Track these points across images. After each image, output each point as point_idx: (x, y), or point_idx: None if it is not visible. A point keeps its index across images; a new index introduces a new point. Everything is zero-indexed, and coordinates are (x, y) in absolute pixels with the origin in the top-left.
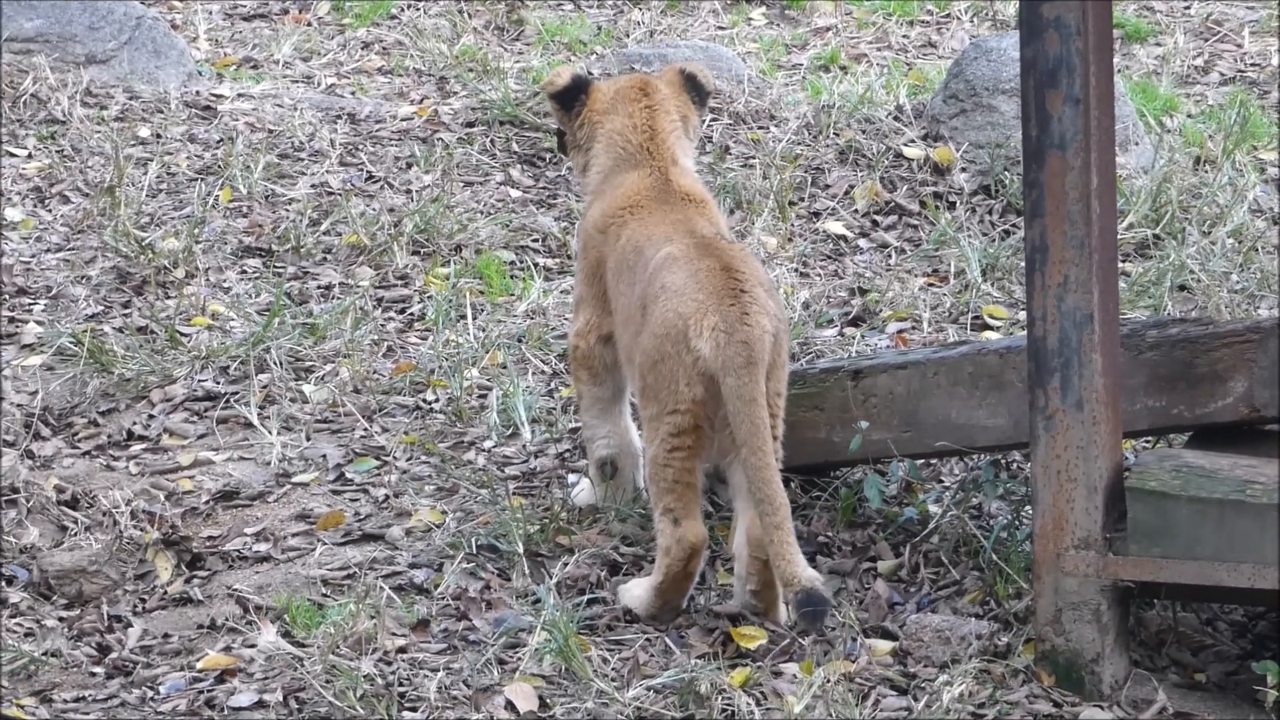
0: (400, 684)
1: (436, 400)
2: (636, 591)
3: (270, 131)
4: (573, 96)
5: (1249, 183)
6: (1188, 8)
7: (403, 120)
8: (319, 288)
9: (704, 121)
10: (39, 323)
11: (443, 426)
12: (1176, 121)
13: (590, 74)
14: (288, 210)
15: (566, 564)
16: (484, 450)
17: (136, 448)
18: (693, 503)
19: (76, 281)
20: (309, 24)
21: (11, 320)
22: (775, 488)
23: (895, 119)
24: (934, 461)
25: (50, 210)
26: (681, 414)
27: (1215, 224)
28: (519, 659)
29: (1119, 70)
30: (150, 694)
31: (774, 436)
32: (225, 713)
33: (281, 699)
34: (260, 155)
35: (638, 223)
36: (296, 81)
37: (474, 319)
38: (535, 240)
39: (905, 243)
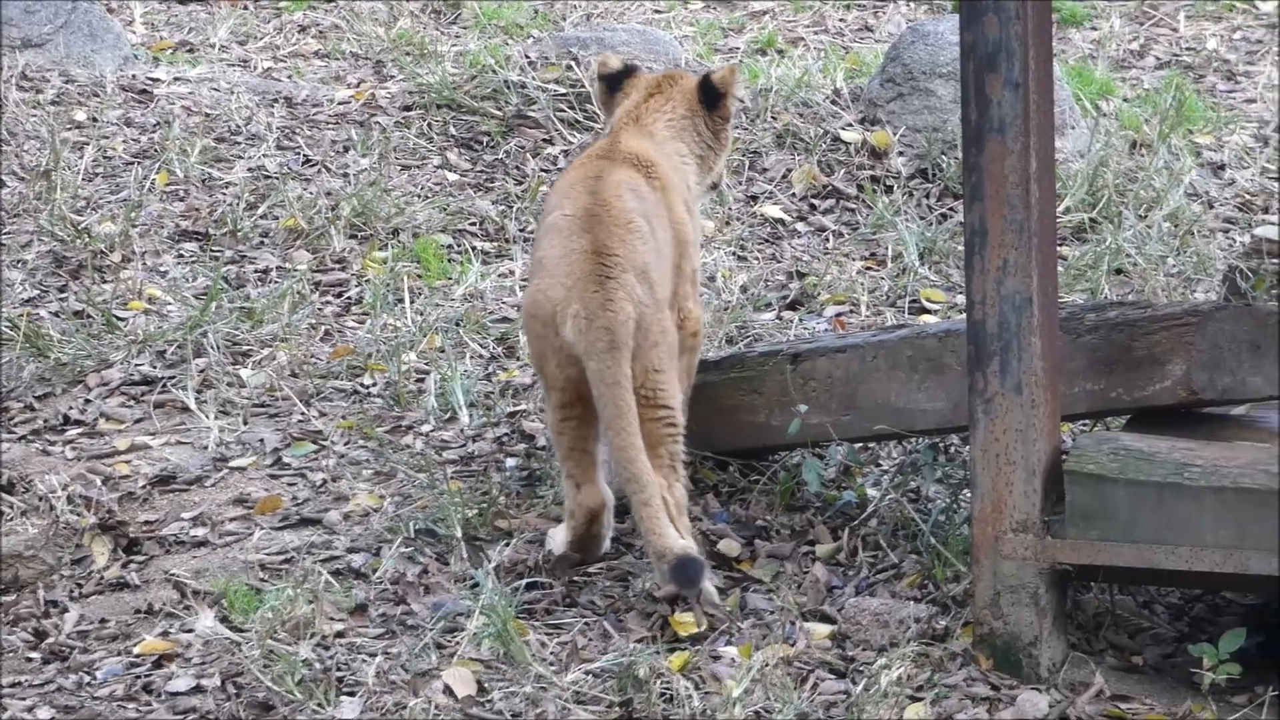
0: (338, 669)
1: (374, 384)
2: (559, 538)
3: (207, 115)
4: (618, 82)
5: (1185, 166)
6: None
7: (340, 104)
8: (256, 272)
9: (726, 123)
10: None
11: (380, 411)
12: (1112, 106)
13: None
14: (224, 194)
15: (505, 548)
16: (422, 434)
17: (73, 432)
18: (591, 468)
19: (12, 266)
20: (245, 8)
21: None
22: (640, 466)
23: (833, 103)
24: (872, 445)
25: None
26: (560, 390)
27: (1151, 208)
28: (457, 643)
29: (1055, 54)
30: (87, 679)
31: (663, 405)
32: (163, 698)
33: (219, 684)
34: (197, 139)
35: (560, 180)
36: (233, 65)
37: (412, 303)
38: (473, 224)
39: (843, 226)
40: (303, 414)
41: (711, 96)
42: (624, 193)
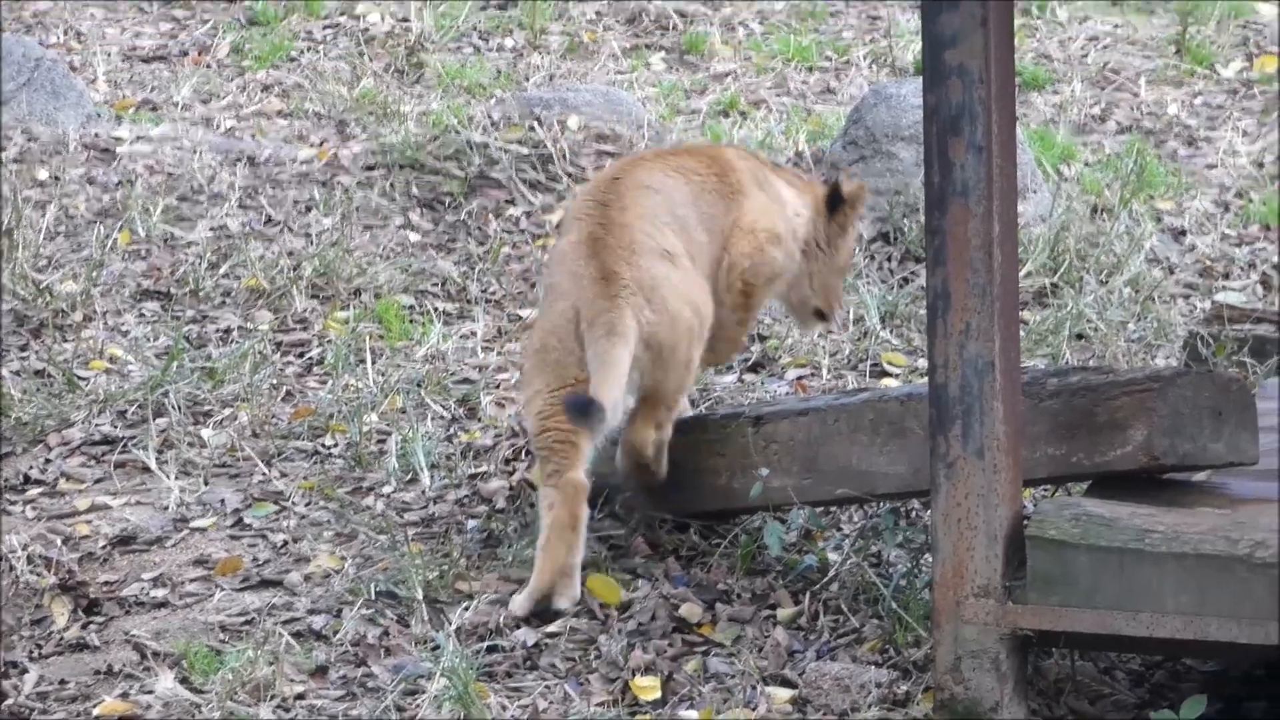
0: None
1: (335, 445)
2: (519, 602)
3: (169, 174)
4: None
5: (1145, 232)
6: (1085, 56)
7: (302, 163)
8: (218, 331)
9: (840, 233)
10: None
11: (342, 471)
12: (1074, 170)
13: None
14: (186, 253)
15: (466, 610)
16: (383, 496)
17: (33, 492)
18: (575, 457)
19: None
20: (208, 66)
21: None
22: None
23: (795, 165)
24: (834, 509)
25: None
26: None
27: (1113, 273)
28: (418, 706)
29: (1018, 118)
30: None
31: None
32: None
33: None
34: (159, 198)
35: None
36: (196, 124)
37: (373, 363)
38: (434, 284)
39: None
40: (264, 474)
41: (835, 202)
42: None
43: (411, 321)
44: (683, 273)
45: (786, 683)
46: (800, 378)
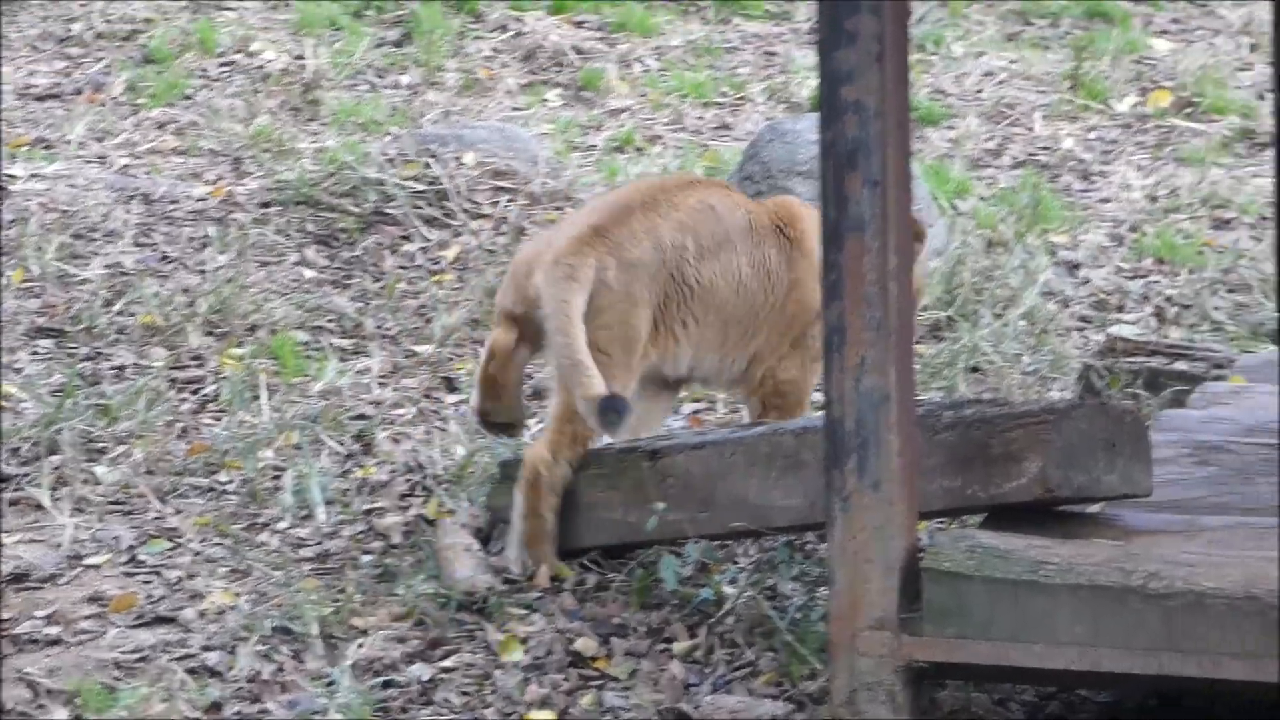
0: None
1: (230, 481)
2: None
3: (63, 212)
4: None
5: (1040, 265)
6: (980, 91)
7: (198, 200)
8: (112, 368)
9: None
10: None
11: (237, 508)
12: (969, 204)
13: None
14: (81, 291)
15: (361, 646)
16: (278, 531)
17: None
18: None
19: None
20: (103, 104)
21: None
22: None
23: None
24: (730, 542)
25: None
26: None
27: (1008, 306)
28: None
29: (913, 153)
30: None
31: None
32: None
33: None
34: (53, 236)
35: None
36: (90, 162)
37: (268, 399)
38: (330, 321)
39: None
40: (158, 511)
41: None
42: (692, 203)
43: (307, 358)
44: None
45: (682, 716)
46: (696, 412)
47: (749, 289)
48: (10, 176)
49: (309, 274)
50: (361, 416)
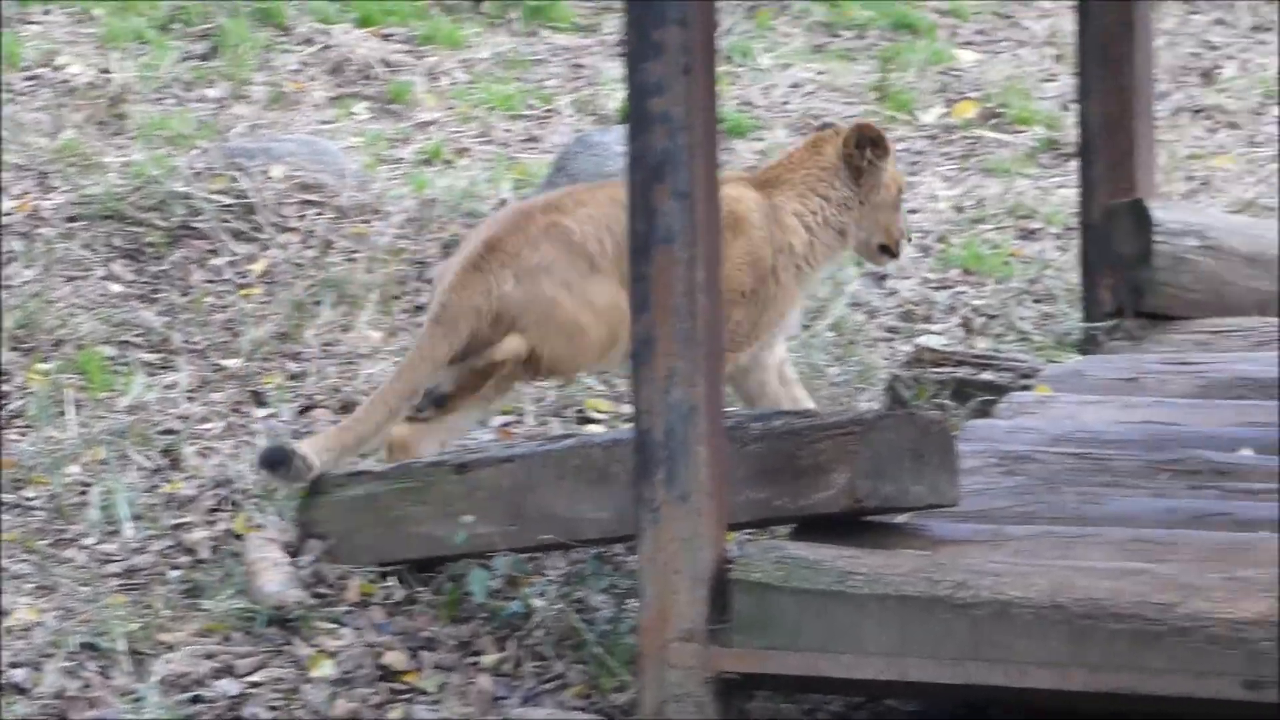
0: None
1: (37, 497)
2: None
3: None
4: None
5: (848, 276)
6: (787, 103)
7: (3, 215)
8: None
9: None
10: None
11: (43, 524)
12: None
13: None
14: None
15: (169, 661)
16: (85, 547)
17: None
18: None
19: None
20: None
21: None
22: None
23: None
24: (539, 555)
25: None
26: None
27: (815, 317)
28: None
29: (721, 165)
30: None
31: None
32: None
33: None
34: None
35: None
36: None
37: (75, 415)
38: (137, 335)
39: None
40: None
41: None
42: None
43: (114, 372)
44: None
45: None
46: (506, 424)
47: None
48: None
49: (116, 288)
50: (169, 431)
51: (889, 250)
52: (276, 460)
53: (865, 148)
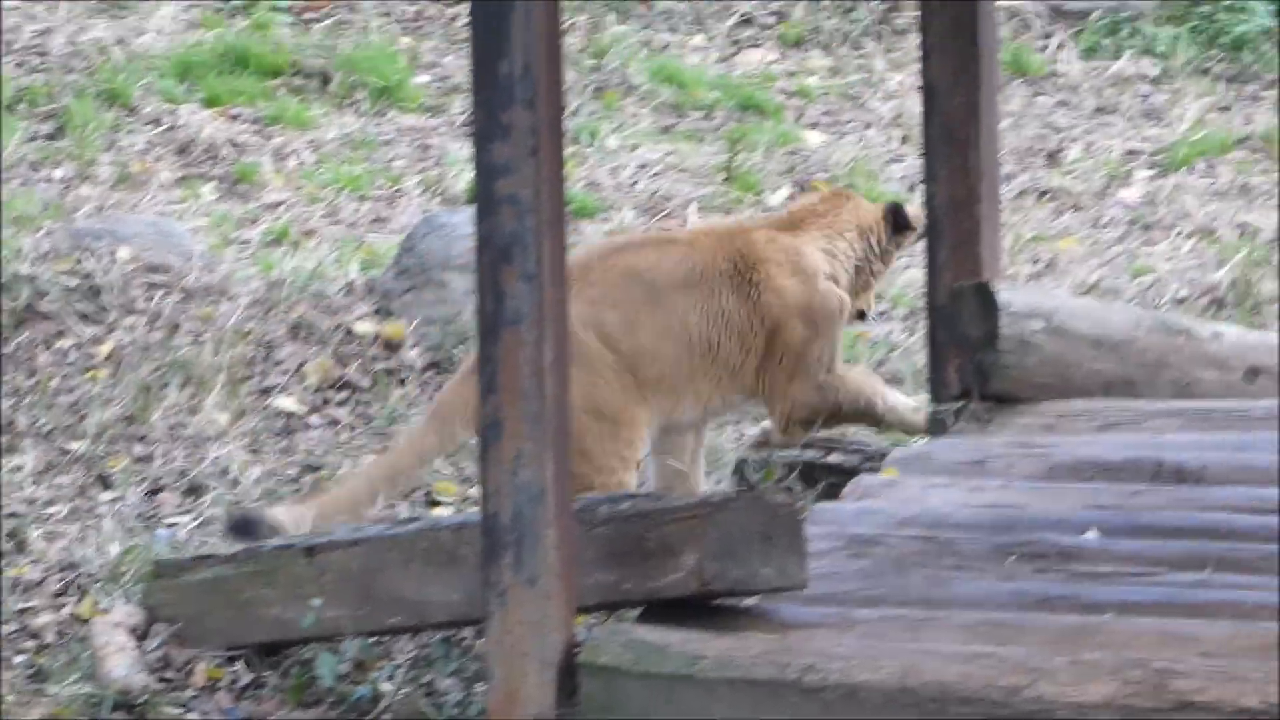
0: None
1: None
2: None
3: None
4: None
5: None
6: (635, 184)
7: None
8: None
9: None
10: None
11: None
12: None
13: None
14: None
15: None
16: None
17: None
18: None
19: None
20: None
21: None
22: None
23: (347, 295)
24: (388, 638)
25: None
26: None
27: None
28: None
29: (569, 247)
30: None
31: None
32: None
33: None
34: None
35: None
36: None
37: None
38: None
39: (356, 419)
40: None
41: (899, 225)
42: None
43: None
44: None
45: None
46: None
47: (708, 338)
48: None
49: None
50: (14, 515)
51: (863, 315)
52: (245, 527)
53: (909, 227)
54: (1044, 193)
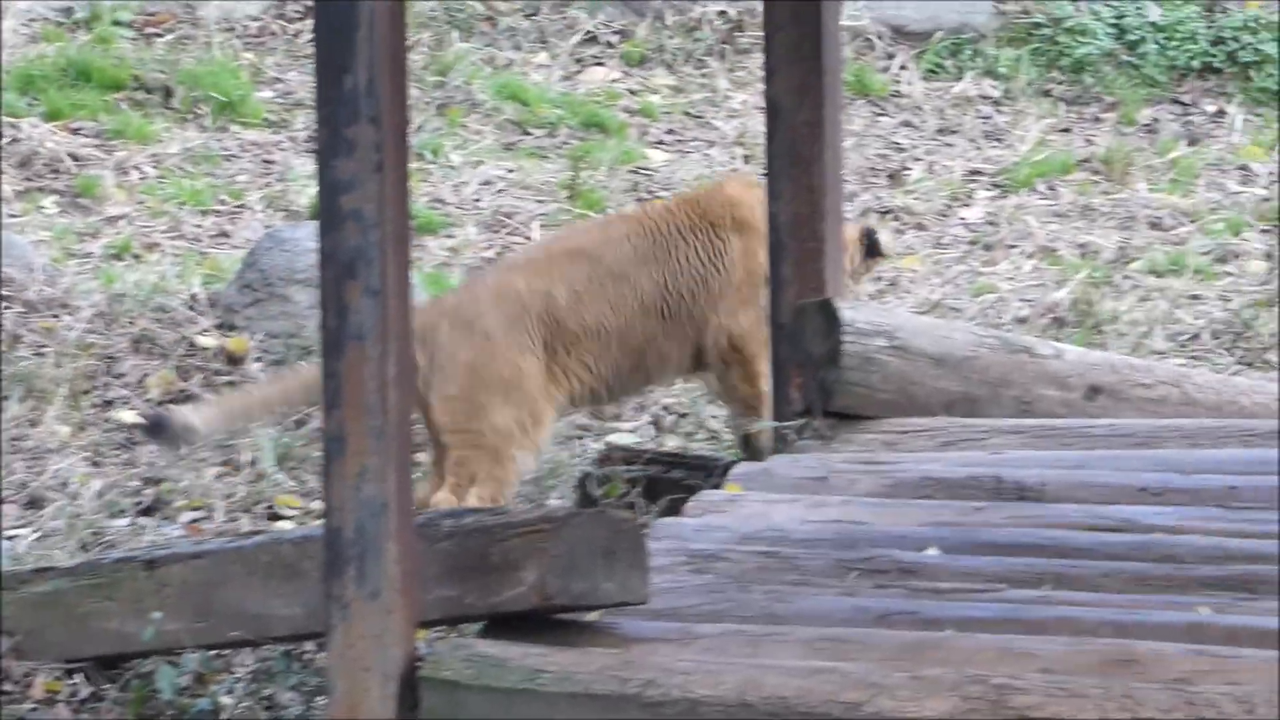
0: None
1: None
2: None
3: None
4: None
5: None
6: (479, 200)
7: None
8: None
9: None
10: None
11: None
12: None
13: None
14: None
15: None
16: None
17: None
18: None
19: None
20: None
21: None
22: None
23: (190, 308)
24: (228, 652)
25: None
26: None
27: None
28: None
29: (413, 262)
30: None
31: None
32: None
33: None
34: None
35: None
36: None
37: None
38: None
39: None
40: None
41: (873, 250)
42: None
43: None
44: None
45: None
46: (194, 520)
47: (672, 300)
48: None
49: None
50: None
51: None
52: (158, 427)
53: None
54: (887, 211)
